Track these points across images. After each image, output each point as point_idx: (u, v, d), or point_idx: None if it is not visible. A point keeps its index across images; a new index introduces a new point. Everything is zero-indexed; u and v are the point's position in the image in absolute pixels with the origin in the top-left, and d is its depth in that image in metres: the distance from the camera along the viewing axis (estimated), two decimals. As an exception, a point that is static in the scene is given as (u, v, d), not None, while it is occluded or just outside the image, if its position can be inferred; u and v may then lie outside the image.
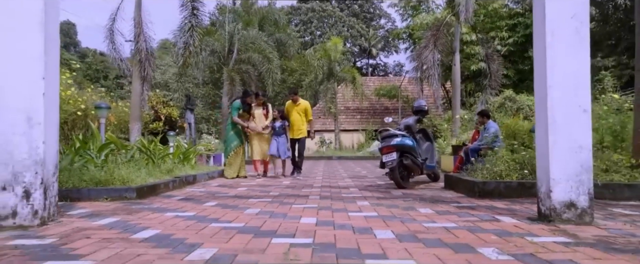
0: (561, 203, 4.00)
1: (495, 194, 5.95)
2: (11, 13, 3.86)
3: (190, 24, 14.11)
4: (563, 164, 4.00)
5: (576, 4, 4.03)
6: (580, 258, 2.76)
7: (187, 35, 14.16)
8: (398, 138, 7.73)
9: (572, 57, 4.01)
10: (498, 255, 2.85)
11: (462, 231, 3.68)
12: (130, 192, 6.02)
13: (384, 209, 5.00)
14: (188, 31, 14.17)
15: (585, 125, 4.01)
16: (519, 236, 3.44)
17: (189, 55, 14.76)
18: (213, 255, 2.88)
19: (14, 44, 3.86)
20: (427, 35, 16.38)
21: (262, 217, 4.44)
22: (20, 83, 3.86)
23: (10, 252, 2.97)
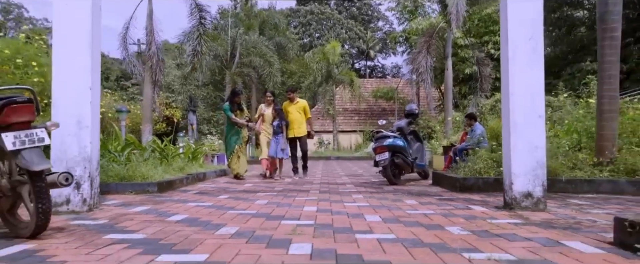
0: (520, 193, 4.81)
1: (474, 188, 6.76)
2: (67, 37, 4.67)
3: (198, 32, 15.00)
4: (522, 161, 4.81)
5: (534, 28, 4.84)
6: (521, 232, 3.56)
7: (195, 43, 15.06)
8: (390, 139, 8.55)
9: (529, 71, 4.83)
10: (460, 231, 3.66)
11: (438, 216, 4.48)
12: (152, 187, 6.81)
13: (375, 200, 5.81)
14: (196, 39, 15.06)
15: (540, 128, 4.83)
16: (482, 219, 4.24)
17: (197, 61, 15.61)
18: (236, 231, 3.68)
19: (68, 61, 4.66)
20: (420, 42, 17.23)
21: (270, 206, 5.24)
22: (73, 93, 4.65)
23: (77, 229, 3.77)
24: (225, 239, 3.33)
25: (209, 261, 2.70)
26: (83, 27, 4.72)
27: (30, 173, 3.16)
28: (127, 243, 3.20)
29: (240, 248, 3.05)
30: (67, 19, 4.69)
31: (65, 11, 4.68)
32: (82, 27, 4.71)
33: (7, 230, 3.51)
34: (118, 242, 3.22)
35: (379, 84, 38.29)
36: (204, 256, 2.82)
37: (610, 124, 6.78)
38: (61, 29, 4.68)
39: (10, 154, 3.15)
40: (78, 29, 4.70)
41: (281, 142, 9.76)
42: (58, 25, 4.69)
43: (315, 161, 21.88)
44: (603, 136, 6.83)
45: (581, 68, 24.02)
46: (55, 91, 4.63)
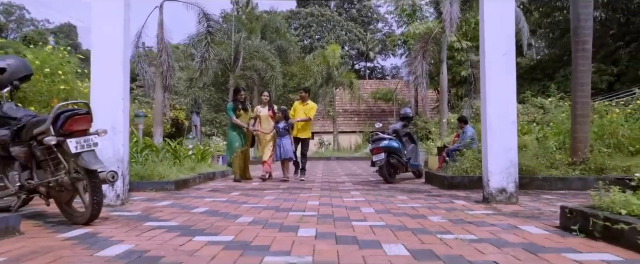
0: (496, 189, 5.55)
1: (461, 186, 7.49)
2: (103, 57, 5.41)
3: (206, 40, 15.79)
4: (497, 161, 5.55)
5: (507, 45, 5.58)
6: (489, 220, 4.29)
7: (204, 50, 15.87)
8: (386, 141, 9.28)
9: (503, 82, 5.56)
10: (439, 220, 4.38)
11: (423, 208, 5.21)
12: (170, 185, 7.54)
13: (370, 196, 6.54)
14: (204, 46, 15.87)
15: (513, 132, 5.56)
16: (461, 211, 4.97)
17: (205, 68, 16.40)
18: (252, 220, 4.41)
19: (104, 77, 5.39)
20: (416, 47, 17.97)
21: (278, 201, 5.97)
22: (108, 104, 5.38)
23: (119, 218, 4.50)
24: (244, 226, 4.06)
25: (235, 240, 3.43)
26: (116, 48, 5.46)
27: (87, 171, 3.89)
28: (164, 228, 3.93)
29: (258, 232, 3.78)
30: (103, 42, 5.43)
31: (101, 35, 5.43)
32: (115, 48, 5.45)
33: (64, 218, 4.24)
34: (157, 228, 3.96)
35: (379, 85, 38.99)
36: (230, 237, 3.55)
37: (583, 127, 7.51)
38: (98, 51, 5.42)
39: (72, 156, 3.88)
40: (112, 50, 5.44)
41: (289, 144, 9.73)
42: (96, 47, 5.44)
43: (315, 161, 22.59)
44: (576, 138, 7.57)
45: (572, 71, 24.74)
46: (93, 102, 5.35)
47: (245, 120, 9.89)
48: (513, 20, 5.62)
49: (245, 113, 9.92)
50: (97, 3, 5.41)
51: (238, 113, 9.81)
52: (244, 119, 9.85)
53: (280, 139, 9.74)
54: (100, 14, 5.45)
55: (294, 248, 3.12)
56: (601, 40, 25.17)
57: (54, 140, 3.82)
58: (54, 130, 3.88)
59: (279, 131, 9.76)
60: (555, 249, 3.05)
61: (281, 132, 9.74)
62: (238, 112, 9.81)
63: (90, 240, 3.42)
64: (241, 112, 9.84)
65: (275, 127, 9.82)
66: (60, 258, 2.85)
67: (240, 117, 9.81)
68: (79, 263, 2.74)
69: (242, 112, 9.87)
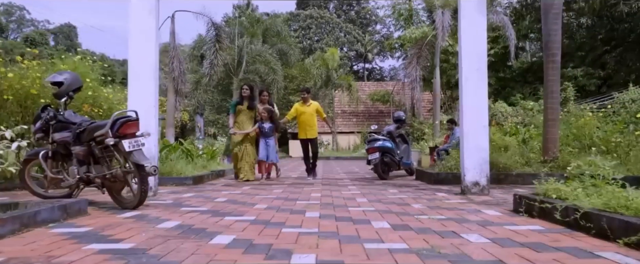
0: (471, 182, 6.54)
1: (446, 181, 8.46)
2: (139, 70, 6.40)
3: (215, 47, 16.83)
4: (472, 159, 6.54)
5: (479, 61, 6.58)
6: (460, 207, 5.29)
7: (212, 57, 16.92)
8: (380, 142, 10.27)
9: (476, 93, 6.56)
10: (420, 206, 5.37)
11: (409, 198, 6.20)
12: (188, 180, 8.53)
13: (365, 190, 7.53)
14: (213, 53, 16.92)
15: (485, 135, 6.56)
16: (440, 200, 5.96)
17: (214, 73, 17.45)
18: (267, 206, 5.40)
19: (140, 88, 6.39)
20: (411, 53, 19.03)
21: (285, 193, 6.96)
22: (143, 110, 6.34)
23: (157, 205, 5.49)
24: (261, 210, 5.05)
25: (257, 219, 4.42)
26: (149, 66, 6.47)
27: (137, 166, 4.88)
28: (198, 212, 4.92)
29: (273, 214, 4.77)
30: (138, 61, 6.45)
31: (137, 55, 6.44)
32: (148, 66, 6.46)
33: (114, 204, 5.23)
34: (191, 211, 4.94)
35: (377, 87, 39.97)
36: (252, 217, 4.54)
37: (553, 130, 8.51)
38: (134, 67, 6.45)
39: (126, 153, 4.87)
40: (146, 68, 6.45)
41: (273, 145, 9.61)
42: (132, 65, 6.47)
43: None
44: (548, 139, 8.56)
45: (564, 74, 25.77)
46: (131, 102, 6.36)
47: (248, 117, 9.68)
48: (484, 41, 6.62)
49: (249, 111, 9.69)
50: (134, 29, 6.42)
51: (240, 108, 9.68)
52: (246, 116, 9.66)
53: (265, 139, 9.55)
54: (136, 39, 6.47)
55: (304, 224, 4.11)
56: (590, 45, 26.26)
57: (112, 140, 4.82)
58: (111, 132, 4.87)
59: (264, 131, 9.55)
60: (500, 223, 4.05)
61: (266, 133, 9.56)
62: (240, 107, 9.69)
63: (145, 219, 4.42)
64: (244, 107, 9.67)
65: (260, 126, 9.56)
66: (132, 228, 3.85)
67: (241, 113, 9.65)
68: (148, 231, 3.72)
69: (246, 109, 9.67)
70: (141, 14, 6.47)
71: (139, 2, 6.46)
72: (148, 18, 6.51)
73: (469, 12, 6.68)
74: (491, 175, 7.84)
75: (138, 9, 6.47)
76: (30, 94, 7.17)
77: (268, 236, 3.51)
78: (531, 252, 2.93)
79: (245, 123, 9.63)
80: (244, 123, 9.63)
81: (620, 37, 23.79)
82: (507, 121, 19.15)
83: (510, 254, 2.89)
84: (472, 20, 6.62)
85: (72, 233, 3.64)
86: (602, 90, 23.99)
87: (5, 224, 3.41)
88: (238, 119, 9.67)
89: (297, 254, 2.90)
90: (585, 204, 3.58)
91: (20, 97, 7.14)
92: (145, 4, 6.50)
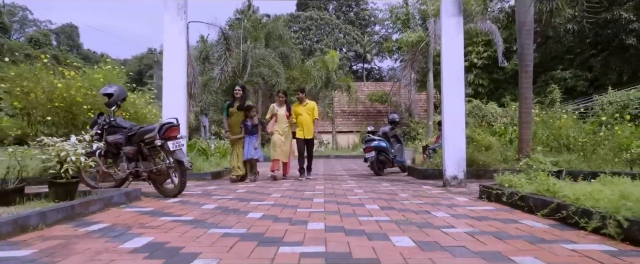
0: (451, 176, 7.78)
1: (432, 176, 9.69)
2: (172, 83, 7.64)
3: (225, 55, 18.09)
4: (451, 157, 7.78)
5: (457, 76, 7.81)
6: (438, 195, 6.52)
7: (223, 64, 18.20)
8: (376, 142, 11.50)
9: (455, 103, 7.79)
10: (406, 195, 6.60)
11: (398, 190, 7.43)
12: (208, 175, 9.76)
13: (362, 184, 8.76)
14: (223, 60, 18.19)
15: (462, 137, 7.80)
16: (423, 191, 7.19)
17: (224, 80, 18.73)
18: (281, 195, 6.63)
19: (173, 98, 7.63)
20: (406, 58, 20.26)
21: (294, 186, 8.19)
22: (176, 105, 7.60)
23: (191, 195, 6.71)
24: (277, 198, 6.28)
25: (277, 203, 5.64)
26: (180, 79, 7.72)
27: (178, 162, 6.11)
28: (227, 198, 6.15)
29: (288, 200, 5.99)
30: (171, 76, 7.70)
31: (169, 70, 7.68)
32: (179, 79, 7.72)
33: (158, 193, 6.46)
34: (222, 198, 6.17)
35: (375, 88, 41.17)
36: (272, 202, 5.76)
37: (526, 131, 9.73)
38: (168, 81, 7.70)
39: (170, 152, 6.10)
40: (177, 81, 7.71)
41: (254, 142, 9.41)
42: (166, 79, 7.71)
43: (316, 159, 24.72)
44: (522, 140, 9.78)
45: (553, 76, 27.02)
46: (165, 111, 7.60)
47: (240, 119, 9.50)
48: (461, 59, 7.85)
49: (240, 112, 9.50)
50: (168, 48, 7.67)
51: (232, 111, 9.55)
52: (237, 118, 9.51)
53: (250, 137, 9.44)
54: (169, 57, 7.74)
55: (313, 206, 5.34)
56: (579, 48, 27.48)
57: (160, 141, 6.05)
58: (158, 135, 6.11)
59: (248, 129, 9.44)
60: (464, 205, 5.29)
61: (250, 130, 9.44)
62: (232, 110, 9.56)
63: (189, 203, 5.65)
64: (235, 109, 9.51)
65: (244, 124, 9.47)
66: (183, 209, 5.08)
67: (234, 115, 9.52)
68: (197, 211, 4.95)
69: (237, 111, 9.50)
70: (173, 35, 7.72)
71: (171, 24, 7.71)
72: (179, 38, 7.76)
73: (448, 31, 7.92)
74: (472, 170, 9.13)
75: (171, 30, 7.73)
76: (76, 101, 8.39)
77: (287, 214, 4.75)
78: (475, 221, 4.17)
79: (238, 124, 9.53)
80: (236, 124, 9.53)
81: (605, 41, 25.01)
82: (497, 121, 20.34)
83: (461, 222, 4.13)
84: (451, 40, 7.87)
85: (142, 210, 4.88)
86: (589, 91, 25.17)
87: (96, 204, 4.66)
88: (231, 121, 9.58)
89: (311, 223, 4.13)
90: (523, 189, 4.83)
91: (68, 104, 8.35)
92: (177, 26, 7.75)
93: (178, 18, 7.75)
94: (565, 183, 4.64)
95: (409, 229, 3.83)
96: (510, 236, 3.49)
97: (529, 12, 9.47)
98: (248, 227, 3.95)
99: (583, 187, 4.23)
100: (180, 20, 7.79)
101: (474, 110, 21.70)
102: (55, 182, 4.85)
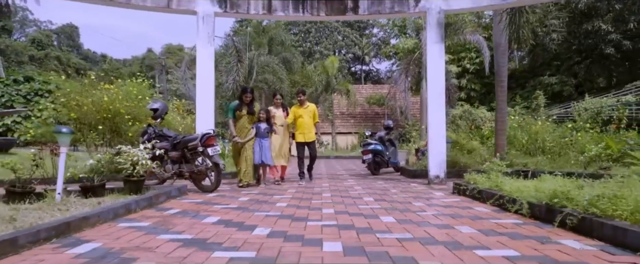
0: (434, 176, 9.40)
1: (421, 176, 11.28)
2: (203, 96, 9.26)
3: (237, 66, 19.74)
4: (435, 160, 9.40)
5: (440, 93, 9.43)
6: (421, 190, 8.14)
7: (235, 74, 19.87)
8: (372, 145, 13.12)
9: (437, 114, 9.42)
10: (396, 190, 8.21)
11: (390, 187, 9.04)
12: (228, 175, 11.34)
13: (360, 182, 10.37)
14: (235, 72, 19.86)
15: (443, 143, 9.43)
16: (410, 187, 8.79)
17: (236, 88, 20.40)
18: (296, 190, 8.22)
19: (204, 111, 9.24)
20: (401, 68, 21.98)
21: (303, 188, 9.79)
22: (205, 124, 9.20)
23: (225, 190, 8.31)
24: (294, 194, 7.88)
25: (294, 197, 7.23)
26: (209, 92, 9.32)
27: (215, 164, 7.71)
28: (253, 193, 7.75)
29: (302, 195, 7.59)
30: (202, 89, 9.30)
31: (202, 84, 9.29)
32: (209, 93, 9.32)
33: (197, 189, 8.06)
34: (249, 193, 7.77)
35: (373, 90, 42.81)
36: (290, 196, 7.36)
37: (501, 137, 11.35)
38: (200, 94, 9.29)
39: (209, 156, 7.70)
40: (207, 94, 9.31)
41: (266, 146, 9.16)
42: (199, 92, 9.30)
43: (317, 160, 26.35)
44: (497, 145, 11.41)
45: (541, 81, 28.68)
46: (198, 122, 9.21)
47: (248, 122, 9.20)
48: (443, 79, 9.49)
49: (249, 117, 9.21)
50: (200, 70, 9.30)
51: (240, 114, 9.20)
52: (245, 122, 9.19)
53: (261, 141, 9.14)
54: (201, 78, 9.35)
55: (323, 201, 6.95)
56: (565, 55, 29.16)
57: (202, 148, 7.67)
58: (200, 143, 7.71)
59: (260, 132, 9.18)
60: (439, 198, 6.91)
61: (262, 133, 9.20)
62: (240, 113, 9.19)
63: (226, 197, 7.25)
64: (244, 113, 9.17)
65: (256, 127, 9.17)
66: (224, 200, 6.69)
67: (242, 119, 9.20)
68: (236, 201, 6.56)
69: (246, 114, 9.18)
70: (204, 59, 9.36)
71: (203, 50, 9.34)
72: (208, 61, 9.40)
73: (433, 55, 9.56)
74: (455, 170, 10.74)
75: (202, 55, 9.36)
76: (119, 112, 9.97)
77: (305, 203, 6.36)
78: (442, 208, 5.79)
79: (246, 128, 9.19)
80: (245, 128, 9.19)
81: (587, 50, 26.69)
82: (485, 125, 21.98)
83: (431, 208, 5.75)
84: (435, 62, 9.51)
85: (196, 201, 6.50)
86: (574, 96, 26.84)
87: (161, 197, 6.28)
88: (239, 124, 9.20)
89: (325, 209, 5.74)
90: (481, 185, 6.45)
91: (113, 115, 9.94)
92: (207, 51, 9.38)
93: (208, 45, 9.37)
94: (509, 181, 6.26)
95: (393, 212, 5.45)
96: (461, 216, 5.11)
97: (503, 36, 11.09)
98: (281, 211, 5.56)
99: (518, 183, 5.84)
100: (209, 47, 9.40)
101: (465, 114, 23.33)
102: (129, 179, 6.46)
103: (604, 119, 16.93)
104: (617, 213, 3.74)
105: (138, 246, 3.62)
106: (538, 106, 22.85)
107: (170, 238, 3.93)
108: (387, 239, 3.90)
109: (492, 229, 4.31)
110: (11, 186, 5.55)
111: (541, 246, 3.58)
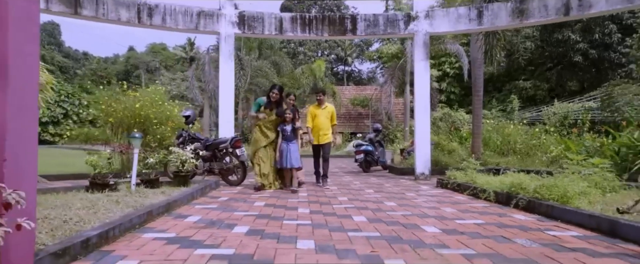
0: (420, 173, 11.12)
1: (407, 173, 12.97)
2: (225, 103, 10.85)
3: (239, 74, 21.29)
4: (421, 159, 11.12)
5: (426, 104, 11.15)
6: (408, 184, 9.84)
7: (237, 81, 21.44)
8: (364, 146, 14.81)
9: (423, 121, 11.14)
10: (389, 185, 9.89)
11: (383, 182, 10.71)
12: (239, 172, 12.92)
13: (357, 178, 12.04)
14: (238, 79, 21.42)
15: (428, 145, 11.16)
16: (400, 182, 10.48)
17: (238, 94, 22.00)
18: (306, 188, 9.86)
19: (225, 119, 10.82)
20: (386, 75, 23.74)
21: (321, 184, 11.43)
22: (226, 128, 10.77)
23: (248, 184, 9.92)
24: (305, 186, 9.50)
25: (308, 191, 8.87)
26: (230, 99, 10.91)
27: (242, 162, 9.30)
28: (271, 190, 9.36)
29: (314, 192, 9.22)
30: (224, 96, 10.89)
31: (224, 92, 10.88)
32: (229, 99, 10.91)
33: (225, 183, 9.64)
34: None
35: (356, 91, 44.52)
36: (305, 193, 8.98)
37: (477, 139, 13.11)
38: (223, 101, 10.88)
39: (236, 156, 9.29)
40: (228, 101, 10.90)
41: (296, 150, 8.68)
42: (222, 99, 10.89)
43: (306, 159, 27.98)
44: (474, 146, 13.16)
45: (516, 85, 30.64)
46: (221, 126, 10.78)
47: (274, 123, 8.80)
48: (428, 91, 11.20)
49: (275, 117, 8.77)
50: (222, 83, 10.88)
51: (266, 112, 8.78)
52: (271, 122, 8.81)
53: (287, 144, 8.64)
54: (223, 90, 10.93)
55: (335, 194, 8.58)
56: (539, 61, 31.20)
57: (231, 149, 9.26)
58: (230, 145, 9.30)
59: (286, 134, 8.67)
60: (426, 190, 8.60)
61: (288, 136, 8.66)
62: (266, 111, 8.78)
63: (249, 190, 8.84)
64: (271, 116, 8.78)
65: (282, 129, 8.71)
66: (253, 193, 8.30)
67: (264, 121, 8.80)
68: (266, 192, 8.16)
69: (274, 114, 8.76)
70: (226, 73, 10.94)
71: (225, 65, 10.92)
72: (229, 74, 10.98)
73: (419, 71, 11.26)
74: (438, 169, 12.44)
75: (224, 69, 10.94)
76: (149, 117, 11.48)
77: (314, 194, 8.00)
78: (429, 197, 7.49)
79: (270, 129, 8.81)
80: (268, 129, 8.80)
81: (558, 57, 28.76)
82: (464, 127, 23.82)
83: (421, 197, 7.43)
84: (421, 77, 11.22)
85: (233, 192, 8.11)
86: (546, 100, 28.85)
87: (205, 189, 7.87)
88: (262, 122, 8.79)
89: (339, 197, 7.39)
90: (460, 180, 8.17)
91: (143, 119, 11.45)
92: (228, 66, 10.95)
93: (229, 60, 10.94)
94: (481, 176, 7.98)
95: (393, 200, 7.12)
96: (444, 201, 6.82)
97: (479, 53, 12.85)
98: (307, 200, 7.19)
99: (488, 178, 7.56)
100: (230, 62, 10.98)
101: (445, 117, 25.14)
102: (178, 174, 8.03)
103: (570, 122, 18.83)
104: (551, 197, 5.48)
105: (228, 217, 5.24)
106: (513, 109, 24.79)
107: (244, 214, 5.54)
108: (395, 214, 5.58)
109: (467, 209, 6.01)
110: (93, 179, 7.10)
111: (499, 218, 5.30)
